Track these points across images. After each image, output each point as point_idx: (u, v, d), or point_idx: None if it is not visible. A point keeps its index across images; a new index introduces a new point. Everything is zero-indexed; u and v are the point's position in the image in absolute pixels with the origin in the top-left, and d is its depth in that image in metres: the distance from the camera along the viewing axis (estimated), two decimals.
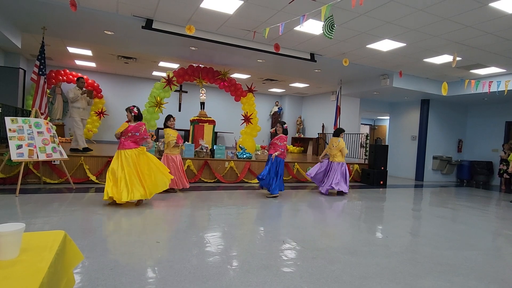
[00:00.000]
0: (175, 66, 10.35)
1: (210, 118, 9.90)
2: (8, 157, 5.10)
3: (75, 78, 10.98)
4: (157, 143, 7.55)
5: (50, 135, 5.45)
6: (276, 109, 15.10)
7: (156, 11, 5.86)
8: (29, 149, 5.04)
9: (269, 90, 14.32)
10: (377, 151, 9.23)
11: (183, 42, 7.21)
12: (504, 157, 9.72)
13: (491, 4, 4.71)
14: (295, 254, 3.22)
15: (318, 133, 13.47)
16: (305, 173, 8.65)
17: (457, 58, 5.63)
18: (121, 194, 4.48)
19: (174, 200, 5.40)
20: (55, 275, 1.25)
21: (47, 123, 5.59)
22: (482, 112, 11.60)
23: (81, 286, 2.27)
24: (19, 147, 4.95)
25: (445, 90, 7.15)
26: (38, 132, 5.27)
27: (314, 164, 8.98)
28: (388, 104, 12.51)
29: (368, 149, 9.89)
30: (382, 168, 9.12)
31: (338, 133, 7.23)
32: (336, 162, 7.10)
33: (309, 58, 7.92)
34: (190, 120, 9.64)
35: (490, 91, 7.80)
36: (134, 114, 4.91)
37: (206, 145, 7.73)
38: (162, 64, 10.37)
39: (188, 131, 10.15)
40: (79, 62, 10.85)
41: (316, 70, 9.40)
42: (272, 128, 15.17)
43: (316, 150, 13.12)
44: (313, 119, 14.72)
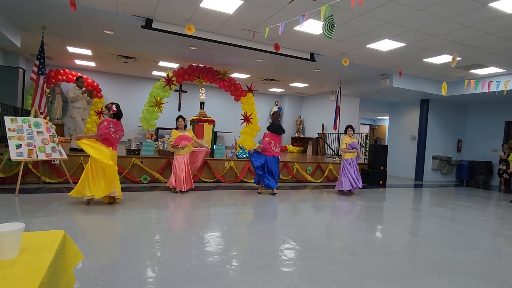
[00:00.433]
0: (175, 65, 10.35)
1: (209, 118, 9.89)
2: (8, 156, 5.10)
3: (75, 78, 11.00)
4: (157, 143, 7.55)
5: (50, 135, 5.44)
6: (276, 109, 15.09)
7: (156, 10, 5.86)
8: (29, 149, 5.03)
9: (268, 90, 14.32)
10: (377, 151, 9.24)
11: (182, 41, 7.20)
12: (504, 157, 9.73)
13: (490, 4, 4.71)
14: (294, 254, 3.22)
15: (318, 133, 13.47)
16: (305, 173, 8.64)
17: (457, 58, 5.62)
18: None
19: (174, 200, 5.40)
20: (54, 275, 1.25)
21: (47, 122, 5.59)
22: (482, 112, 11.61)
23: (81, 286, 2.27)
24: (19, 146, 4.94)
25: (444, 90, 7.15)
26: (37, 132, 5.26)
27: (314, 163, 9.00)
28: (387, 104, 12.52)
29: (367, 149, 9.90)
30: (382, 168, 9.13)
31: (345, 130, 7.33)
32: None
33: (309, 58, 7.92)
34: (190, 120, 9.62)
35: (490, 91, 7.80)
36: (112, 112, 4.76)
37: (206, 145, 7.71)
38: (162, 63, 10.36)
39: None
40: (78, 62, 10.84)
41: (316, 70, 9.40)
42: None
43: (316, 150, 13.12)
44: (312, 119, 14.73)
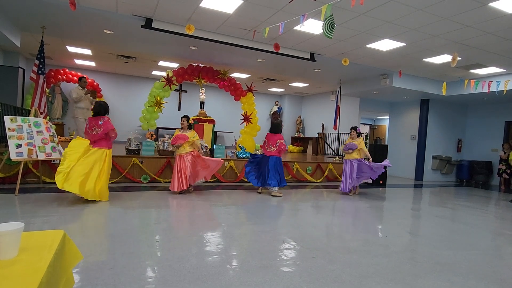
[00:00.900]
0: (175, 65, 10.34)
1: (209, 118, 9.90)
2: (8, 156, 5.10)
3: (78, 78, 10.97)
4: (157, 142, 7.55)
5: (50, 135, 5.44)
6: (275, 108, 15.09)
7: (156, 10, 5.85)
8: (29, 149, 5.03)
9: (268, 89, 14.31)
10: (377, 150, 9.24)
11: (182, 41, 7.20)
12: (504, 157, 9.73)
13: (490, 4, 4.71)
14: (294, 253, 3.22)
15: (318, 133, 13.47)
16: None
17: (457, 58, 5.62)
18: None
19: (174, 200, 5.40)
20: (54, 275, 1.25)
21: (47, 122, 5.58)
22: (482, 112, 11.61)
23: (81, 285, 2.27)
24: (19, 146, 4.94)
25: (444, 90, 7.16)
26: (37, 132, 5.25)
27: (314, 163, 8.99)
28: (387, 104, 12.52)
29: (367, 148, 9.89)
30: None
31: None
32: None
33: (309, 57, 7.92)
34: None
35: (490, 91, 7.80)
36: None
37: (205, 144, 7.73)
38: (162, 63, 10.36)
39: None
40: (78, 61, 10.83)
41: (316, 70, 9.40)
42: None
43: (316, 149, 13.12)
44: (312, 119, 14.73)
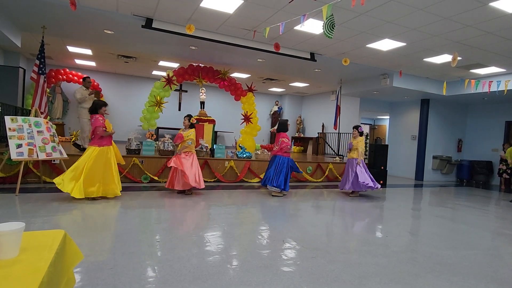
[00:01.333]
0: (175, 65, 10.35)
1: (210, 118, 9.90)
2: (8, 156, 5.10)
3: (82, 78, 10.95)
4: (157, 142, 7.55)
5: (50, 134, 5.44)
6: (276, 108, 15.09)
7: (156, 10, 5.85)
8: (29, 148, 5.03)
9: (269, 89, 14.31)
10: (377, 150, 9.24)
11: (183, 41, 7.20)
12: (505, 157, 9.72)
13: (491, 3, 4.71)
14: (294, 253, 3.22)
15: (318, 133, 13.47)
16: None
17: (457, 58, 5.62)
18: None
19: (174, 200, 5.40)
20: (55, 275, 1.25)
21: (47, 122, 5.59)
22: (482, 112, 11.60)
23: (81, 285, 2.27)
24: (19, 146, 4.94)
25: (444, 89, 7.16)
26: (37, 131, 5.26)
27: (314, 163, 8.99)
28: (388, 104, 12.51)
29: (368, 148, 9.89)
30: (382, 167, 9.12)
31: None
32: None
33: (309, 57, 7.92)
34: None
35: (490, 91, 7.81)
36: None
37: (206, 144, 7.72)
38: (162, 63, 10.36)
39: None
40: (79, 61, 10.84)
41: (316, 70, 9.40)
42: (272, 128, 15.18)
43: (316, 149, 13.12)
44: (313, 119, 14.72)
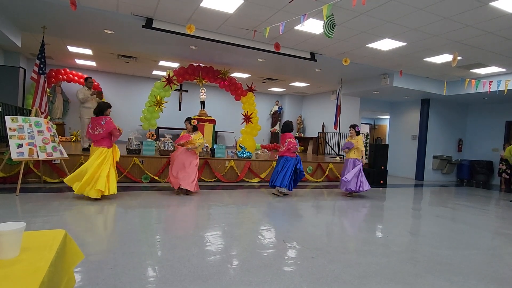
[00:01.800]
0: (175, 65, 10.35)
1: (210, 118, 9.91)
2: (9, 156, 5.10)
3: (83, 78, 11.00)
4: (157, 142, 7.55)
5: (50, 134, 5.45)
6: (276, 108, 15.09)
7: (156, 10, 5.86)
8: (30, 148, 5.04)
9: (269, 89, 14.31)
10: (377, 150, 9.24)
11: (183, 41, 7.20)
12: (505, 157, 9.71)
13: (491, 3, 4.70)
14: (295, 253, 3.23)
15: (318, 133, 13.47)
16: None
17: (457, 58, 5.62)
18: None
19: (174, 200, 5.40)
20: (55, 274, 1.25)
21: (47, 122, 5.59)
22: (482, 112, 11.60)
23: (82, 285, 2.27)
24: (20, 146, 4.95)
25: (444, 89, 7.16)
26: (38, 131, 5.26)
27: (314, 163, 8.99)
28: (388, 104, 12.51)
29: (368, 148, 9.90)
30: (382, 167, 9.13)
31: None
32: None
33: (310, 57, 7.91)
34: None
35: (490, 90, 7.81)
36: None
37: (206, 144, 7.72)
38: (162, 63, 10.36)
39: None
40: (79, 61, 10.84)
41: (317, 70, 9.39)
42: (272, 127, 15.18)
43: (316, 149, 13.12)
44: (313, 119, 14.72)
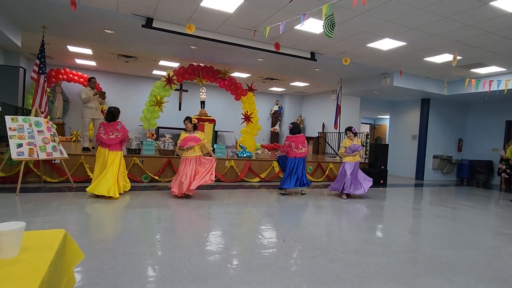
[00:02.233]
0: (175, 65, 10.34)
1: (210, 117, 9.91)
2: (9, 156, 5.10)
3: (86, 78, 11.01)
4: (157, 142, 7.55)
5: (50, 134, 5.45)
6: (276, 108, 15.09)
7: (156, 10, 5.85)
8: (29, 148, 5.04)
9: (269, 89, 14.31)
10: (377, 150, 9.23)
11: (183, 41, 7.19)
12: (505, 157, 9.71)
13: (491, 3, 4.70)
14: (295, 253, 3.22)
15: (319, 132, 13.47)
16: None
17: (457, 57, 5.62)
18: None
19: (174, 200, 5.40)
20: (55, 274, 1.25)
21: (47, 122, 5.59)
22: (482, 112, 11.59)
23: (82, 285, 2.27)
24: (19, 146, 4.95)
25: (444, 88, 7.16)
26: (38, 131, 5.26)
27: (314, 163, 8.99)
28: (388, 103, 12.50)
29: (368, 148, 9.89)
30: (382, 167, 9.12)
31: (345, 132, 6.88)
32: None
33: (310, 57, 7.91)
34: None
35: (491, 90, 7.80)
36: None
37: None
38: (162, 63, 10.36)
39: None
40: (79, 61, 10.84)
41: (317, 69, 9.39)
42: (272, 127, 15.18)
43: (316, 149, 13.12)
44: (313, 118, 14.71)
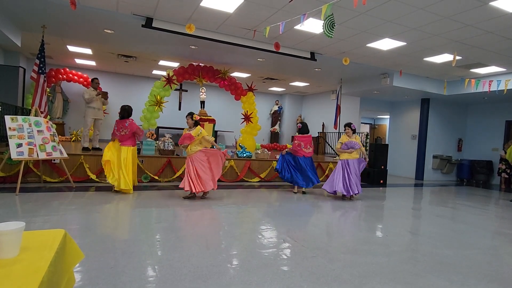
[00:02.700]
0: (175, 64, 10.34)
1: (210, 117, 9.92)
2: (8, 155, 5.10)
3: (86, 78, 11.02)
4: (157, 142, 7.55)
5: (50, 134, 5.45)
6: (276, 108, 15.09)
7: (156, 9, 5.85)
8: (29, 148, 5.03)
9: (269, 89, 14.30)
10: (377, 150, 9.23)
11: (183, 40, 7.19)
12: (505, 157, 9.71)
13: (491, 3, 4.70)
14: (295, 253, 3.22)
15: (318, 132, 13.46)
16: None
17: (457, 57, 5.62)
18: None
19: (174, 199, 5.40)
20: (55, 274, 1.25)
21: (47, 121, 5.59)
22: (482, 111, 11.59)
23: (82, 285, 2.27)
24: (19, 145, 4.94)
25: (444, 88, 7.16)
26: (38, 131, 5.26)
27: (314, 163, 8.95)
28: (388, 103, 12.51)
29: (368, 148, 9.89)
30: (382, 167, 9.13)
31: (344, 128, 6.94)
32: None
33: (309, 57, 7.91)
34: None
35: (490, 90, 7.80)
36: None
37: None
38: (162, 63, 10.35)
39: None
40: (79, 61, 10.83)
41: (316, 69, 9.39)
42: (272, 127, 15.18)
43: (316, 149, 13.10)
44: (313, 118, 14.71)
